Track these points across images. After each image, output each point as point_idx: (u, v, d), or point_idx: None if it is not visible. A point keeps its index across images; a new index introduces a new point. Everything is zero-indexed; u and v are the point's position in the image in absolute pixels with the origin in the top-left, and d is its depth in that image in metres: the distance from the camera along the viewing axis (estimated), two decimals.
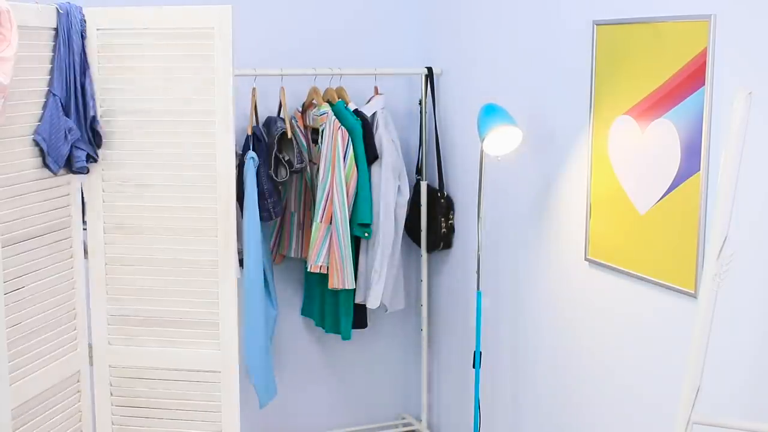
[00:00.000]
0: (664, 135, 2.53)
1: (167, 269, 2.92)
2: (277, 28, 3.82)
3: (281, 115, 3.71)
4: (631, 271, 2.70)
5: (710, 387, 2.18)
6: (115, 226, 2.92)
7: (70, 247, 2.85)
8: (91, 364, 2.98)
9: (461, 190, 3.78)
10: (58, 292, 2.80)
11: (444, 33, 3.87)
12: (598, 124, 2.82)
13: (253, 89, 3.63)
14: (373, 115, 3.77)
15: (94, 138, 2.81)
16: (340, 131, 3.59)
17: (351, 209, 3.64)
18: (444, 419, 4.09)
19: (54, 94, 2.67)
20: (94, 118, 2.78)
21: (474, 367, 3.29)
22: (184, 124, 2.85)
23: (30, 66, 2.60)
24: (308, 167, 3.73)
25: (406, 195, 3.82)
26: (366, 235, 3.69)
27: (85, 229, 2.92)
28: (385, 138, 3.72)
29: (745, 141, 1.94)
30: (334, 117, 3.62)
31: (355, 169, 3.63)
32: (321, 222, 3.61)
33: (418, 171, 3.94)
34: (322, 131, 3.64)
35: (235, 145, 2.93)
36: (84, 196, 2.91)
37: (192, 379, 2.96)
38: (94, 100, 2.79)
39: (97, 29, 2.82)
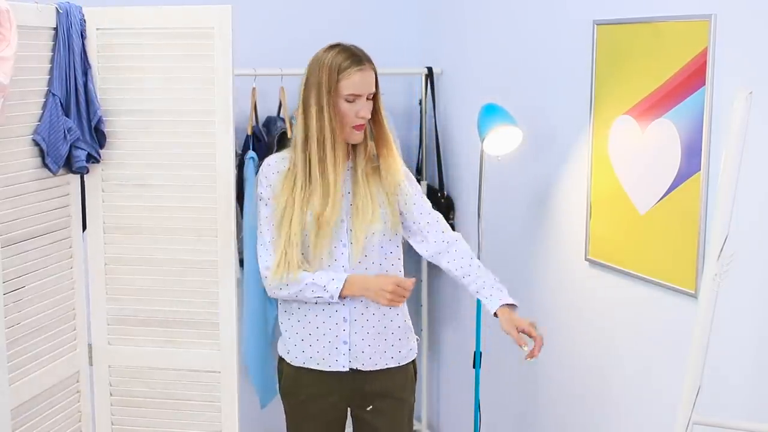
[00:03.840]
0: (664, 135, 2.53)
1: (167, 269, 2.91)
2: (276, 28, 3.82)
3: (281, 115, 3.71)
4: (631, 271, 2.70)
5: (710, 387, 2.18)
6: (114, 226, 2.92)
7: (70, 247, 2.85)
8: (91, 364, 2.98)
9: (461, 190, 3.78)
10: (58, 292, 2.80)
11: (444, 32, 3.86)
12: (598, 124, 2.82)
13: (253, 89, 3.62)
14: None
15: (98, 138, 2.81)
16: None
17: None
18: (444, 419, 4.09)
19: (53, 94, 2.67)
20: (100, 118, 2.78)
21: (474, 367, 3.28)
22: (184, 124, 2.85)
23: (29, 66, 2.59)
24: None
25: None
26: None
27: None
28: None
29: (745, 141, 1.94)
30: None
31: None
32: None
33: (418, 171, 3.94)
34: None
35: (235, 145, 2.93)
36: (84, 195, 2.91)
37: (191, 380, 2.95)
38: (98, 100, 2.79)
39: (97, 29, 2.81)
